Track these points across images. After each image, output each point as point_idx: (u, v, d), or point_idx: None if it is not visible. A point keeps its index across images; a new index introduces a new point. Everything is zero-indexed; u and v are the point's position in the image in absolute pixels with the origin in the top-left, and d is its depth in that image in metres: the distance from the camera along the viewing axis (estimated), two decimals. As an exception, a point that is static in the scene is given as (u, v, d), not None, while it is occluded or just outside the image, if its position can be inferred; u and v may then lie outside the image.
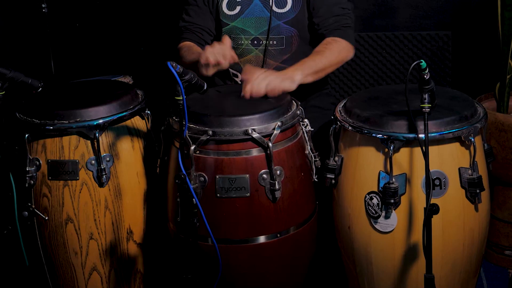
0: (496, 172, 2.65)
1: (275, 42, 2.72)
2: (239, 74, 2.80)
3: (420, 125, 2.11)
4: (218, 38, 2.80)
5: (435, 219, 2.02)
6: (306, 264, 2.46)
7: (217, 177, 2.22)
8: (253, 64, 2.75)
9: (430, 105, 2.07)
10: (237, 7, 2.73)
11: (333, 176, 2.36)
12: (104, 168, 2.39)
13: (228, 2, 2.74)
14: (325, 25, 2.67)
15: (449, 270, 2.28)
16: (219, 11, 2.75)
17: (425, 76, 2.05)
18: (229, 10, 2.74)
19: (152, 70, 3.34)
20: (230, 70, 2.81)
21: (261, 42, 2.73)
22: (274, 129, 2.22)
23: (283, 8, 2.71)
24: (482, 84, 3.04)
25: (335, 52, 2.59)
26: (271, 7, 2.69)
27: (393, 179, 2.18)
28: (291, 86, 2.42)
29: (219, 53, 2.41)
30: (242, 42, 2.74)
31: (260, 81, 2.37)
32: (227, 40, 2.47)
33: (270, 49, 2.72)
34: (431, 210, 1.99)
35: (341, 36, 2.64)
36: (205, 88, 2.17)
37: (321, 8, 2.68)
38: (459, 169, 2.22)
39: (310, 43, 2.76)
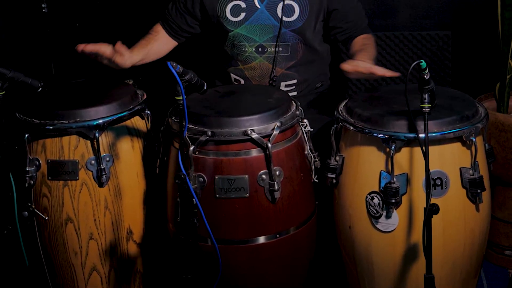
0: (496, 172, 2.65)
1: (281, 49, 2.72)
2: (241, 80, 2.80)
3: (421, 125, 2.11)
4: (221, 44, 2.80)
5: (435, 219, 2.01)
6: (306, 264, 2.46)
7: (216, 177, 2.21)
8: (257, 71, 2.76)
9: (430, 105, 2.07)
10: (242, 13, 2.72)
11: (334, 176, 2.36)
12: (104, 168, 2.39)
13: (232, 8, 2.72)
14: (355, 28, 2.75)
15: (449, 270, 2.27)
16: (222, 16, 2.74)
17: (425, 76, 2.04)
18: (233, 16, 2.73)
19: (152, 70, 3.34)
20: (232, 75, 2.81)
21: (265, 50, 2.73)
22: (273, 129, 2.22)
23: (290, 16, 2.70)
24: (482, 84, 3.03)
25: (374, 46, 2.70)
26: (281, 18, 2.69)
27: (394, 179, 2.18)
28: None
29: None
30: (246, 49, 2.74)
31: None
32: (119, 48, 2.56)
33: (276, 56, 2.72)
34: (431, 210, 1.99)
35: (369, 32, 2.77)
36: (205, 88, 2.17)
37: (350, 14, 2.75)
38: (460, 169, 2.22)
39: (315, 51, 2.78)
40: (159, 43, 2.82)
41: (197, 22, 2.82)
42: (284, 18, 2.70)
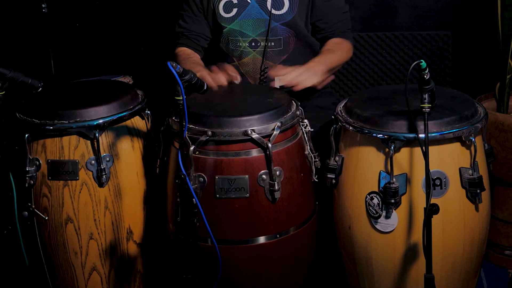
0: (496, 172, 2.65)
1: (273, 44, 2.74)
2: (238, 77, 2.81)
3: (421, 125, 2.11)
4: (217, 41, 2.81)
5: (435, 219, 2.01)
6: (306, 265, 2.46)
7: (217, 177, 2.21)
8: (251, 66, 2.77)
9: (430, 105, 2.07)
10: (234, 9, 2.74)
11: (333, 176, 2.36)
12: (104, 168, 2.39)
13: (224, 4, 2.75)
14: (331, 30, 2.78)
15: (449, 270, 2.28)
16: (216, 13, 2.76)
17: (425, 76, 2.05)
18: (225, 12, 2.75)
19: (152, 70, 3.34)
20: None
21: (258, 44, 2.74)
22: (273, 129, 2.22)
23: (280, 10, 2.72)
24: (482, 84, 3.03)
25: (344, 51, 2.74)
26: (270, 10, 2.70)
27: (394, 179, 2.18)
28: (316, 81, 2.52)
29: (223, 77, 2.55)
30: (240, 44, 2.75)
31: (291, 77, 2.46)
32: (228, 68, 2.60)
33: (268, 51, 2.74)
34: (431, 210, 1.99)
35: (346, 38, 2.79)
36: (205, 88, 2.17)
37: (328, 14, 2.77)
38: (459, 169, 2.22)
39: (307, 43, 2.78)
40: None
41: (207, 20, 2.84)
42: (275, 11, 2.72)
